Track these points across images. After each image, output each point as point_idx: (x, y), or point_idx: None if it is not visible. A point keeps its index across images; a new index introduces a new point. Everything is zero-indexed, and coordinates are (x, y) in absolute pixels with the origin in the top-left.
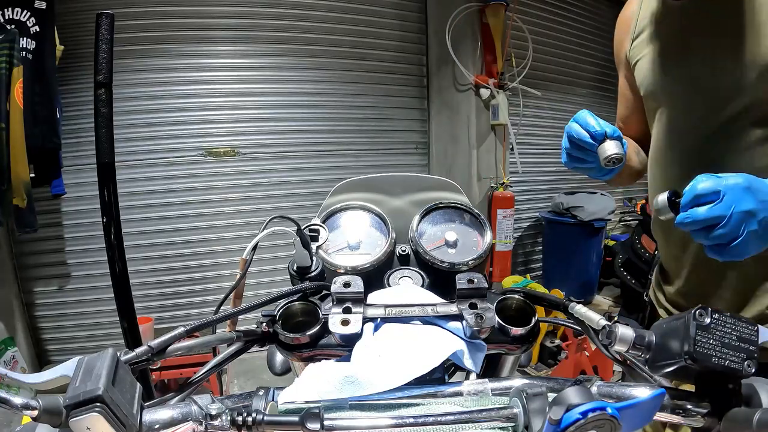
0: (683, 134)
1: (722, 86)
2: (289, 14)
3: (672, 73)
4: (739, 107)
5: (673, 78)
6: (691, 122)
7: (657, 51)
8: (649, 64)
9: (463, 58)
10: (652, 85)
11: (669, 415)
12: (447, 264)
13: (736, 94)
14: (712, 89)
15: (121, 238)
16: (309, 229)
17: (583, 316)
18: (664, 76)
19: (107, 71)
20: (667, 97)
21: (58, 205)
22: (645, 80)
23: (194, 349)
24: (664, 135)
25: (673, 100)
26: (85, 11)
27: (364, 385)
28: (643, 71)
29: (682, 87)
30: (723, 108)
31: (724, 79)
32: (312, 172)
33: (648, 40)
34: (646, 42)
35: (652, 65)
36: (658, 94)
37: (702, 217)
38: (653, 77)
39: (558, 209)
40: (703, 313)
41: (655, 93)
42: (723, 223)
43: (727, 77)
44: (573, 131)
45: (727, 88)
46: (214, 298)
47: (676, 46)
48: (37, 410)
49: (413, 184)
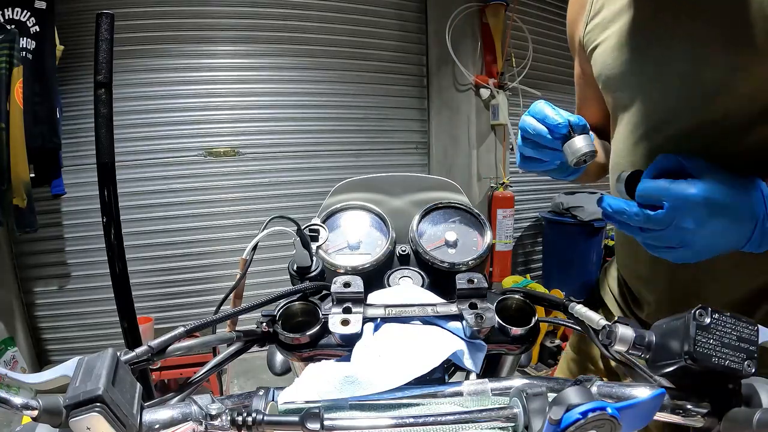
0: (651, 133)
1: (703, 81)
2: (289, 14)
3: (641, 64)
4: (722, 106)
5: (642, 69)
6: (662, 120)
7: (622, 36)
8: (611, 52)
9: (463, 58)
10: (614, 76)
11: (669, 415)
12: (447, 264)
13: (718, 90)
14: (691, 84)
15: (121, 238)
16: (309, 229)
17: (583, 316)
18: (631, 66)
19: (107, 71)
20: (633, 91)
21: (58, 205)
22: (605, 70)
23: (194, 349)
24: (627, 134)
25: (641, 95)
26: (85, 11)
27: (364, 385)
28: (603, 60)
29: (653, 80)
30: (701, 106)
31: (706, 73)
32: (312, 172)
33: (608, 22)
34: (606, 25)
35: (614, 53)
36: (621, 86)
37: (635, 223)
38: (616, 67)
39: (558, 209)
40: (703, 313)
41: (617, 85)
42: (658, 231)
43: (709, 71)
44: (528, 126)
45: (708, 83)
46: (214, 298)
47: (647, 31)
48: (37, 410)
49: (413, 184)
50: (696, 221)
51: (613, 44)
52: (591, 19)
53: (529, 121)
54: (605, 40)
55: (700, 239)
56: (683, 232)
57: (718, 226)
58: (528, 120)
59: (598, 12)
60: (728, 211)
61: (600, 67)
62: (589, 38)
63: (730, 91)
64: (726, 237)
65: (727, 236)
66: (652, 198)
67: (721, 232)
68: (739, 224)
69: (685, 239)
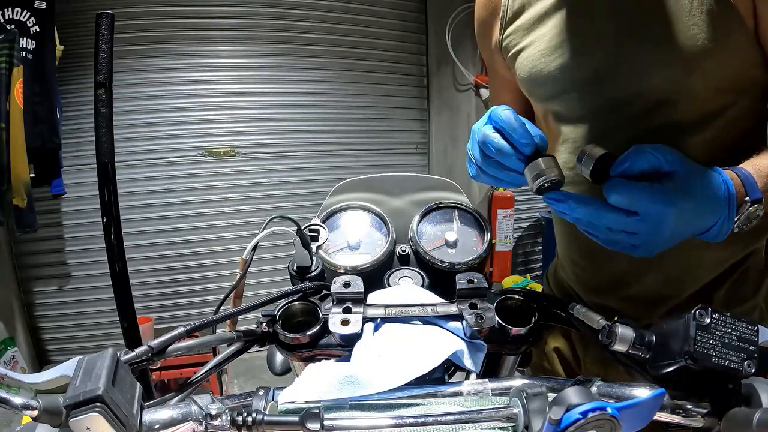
0: (598, 141)
1: (653, 83)
2: (289, 14)
3: (582, 69)
4: (673, 108)
5: (583, 75)
6: (610, 127)
7: (553, 39)
8: (540, 57)
9: (463, 58)
10: (548, 82)
11: (669, 415)
12: (447, 264)
13: (671, 91)
14: (640, 87)
15: (121, 238)
16: (309, 229)
17: (584, 316)
18: (571, 72)
19: (107, 71)
20: (574, 99)
21: (58, 205)
22: (534, 75)
23: (194, 349)
24: (570, 143)
25: (585, 102)
26: (85, 11)
27: (364, 385)
28: (531, 64)
29: (595, 84)
30: (652, 110)
31: (655, 76)
32: (312, 172)
33: (532, 24)
34: (530, 27)
35: (544, 58)
36: (557, 92)
37: (605, 225)
38: (550, 73)
39: None
40: (703, 313)
41: (553, 91)
42: (633, 236)
43: (659, 71)
44: (491, 143)
45: (658, 85)
46: (214, 298)
47: (574, 32)
48: (37, 410)
49: (413, 184)
50: (670, 229)
51: (543, 48)
52: (509, 23)
53: (491, 136)
54: (532, 44)
55: (666, 238)
56: (654, 236)
57: (687, 224)
58: (489, 134)
59: (517, 14)
60: (699, 210)
61: (526, 71)
62: (510, 42)
63: (682, 91)
64: (690, 230)
65: (692, 229)
66: (627, 205)
67: (688, 227)
68: (705, 220)
69: (652, 240)
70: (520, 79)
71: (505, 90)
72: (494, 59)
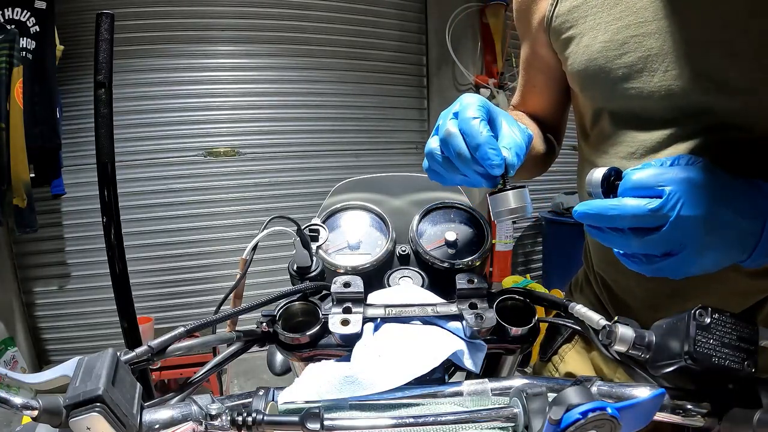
0: (646, 149)
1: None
2: (289, 14)
3: (653, 67)
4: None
5: (649, 76)
6: (664, 130)
7: (618, 28)
8: (601, 47)
9: (463, 58)
10: (604, 79)
11: (669, 415)
12: (447, 264)
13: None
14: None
15: (121, 238)
16: (309, 229)
17: (583, 316)
18: (633, 69)
19: (107, 71)
20: (630, 98)
21: (58, 205)
22: (589, 68)
23: (194, 349)
24: (615, 140)
25: (639, 103)
26: (85, 11)
27: (364, 385)
28: (588, 55)
29: (666, 89)
30: (706, 114)
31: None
32: (312, 172)
33: (594, 8)
34: (589, 11)
35: (604, 49)
36: (609, 89)
37: (629, 213)
38: (610, 68)
39: (558, 209)
40: (703, 313)
41: (605, 87)
42: (660, 228)
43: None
44: (454, 146)
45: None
46: (214, 298)
47: (666, 17)
48: (37, 410)
49: (413, 184)
50: (704, 204)
51: (607, 40)
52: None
53: (454, 137)
54: (591, 30)
55: (704, 239)
56: (683, 227)
57: (723, 221)
58: (453, 133)
59: None
60: (734, 203)
61: (585, 64)
62: (563, 22)
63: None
64: (731, 238)
65: (732, 238)
66: (649, 185)
67: (727, 237)
68: (748, 220)
69: (687, 238)
70: (572, 72)
71: (540, 72)
72: (536, 37)
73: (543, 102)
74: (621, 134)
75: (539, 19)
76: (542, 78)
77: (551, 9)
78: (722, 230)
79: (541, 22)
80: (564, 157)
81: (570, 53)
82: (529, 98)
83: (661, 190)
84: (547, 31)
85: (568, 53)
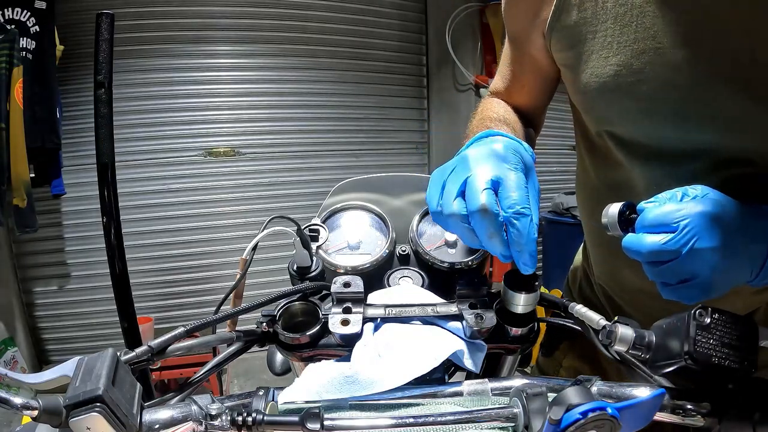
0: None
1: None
2: (289, 14)
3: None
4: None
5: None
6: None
7: (632, 53)
8: (612, 70)
9: (463, 58)
10: (609, 101)
11: (669, 415)
12: (447, 264)
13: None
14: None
15: (121, 238)
16: (309, 229)
17: (583, 316)
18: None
19: (107, 71)
20: (637, 122)
21: (58, 205)
22: (600, 89)
23: (194, 349)
24: (618, 161)
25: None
26: (85, 11)
27: (364, 385)
28: (595, 75)
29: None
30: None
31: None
32: (312, 172)
33: (608, 11)
34: (591, 20)
35: (618, 74)
36: (615, 113)
37: (646, 250)
38: (619, 92)
39: (558, 209)
40: (703, 313)
41: (610, 110)
42: (674, 259)
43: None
44: (491, 238)
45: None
46: (214, 298)
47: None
48: (37, 410)
49: (413, 184)
50: (716, 238)
51: (620, 63)
52: (568, 7)
53: (454, 220)
54: (600, 49)
55: (716, 267)
56: (697, 258)
57: (734, 249)
58: (453, 217)
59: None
60: (743, 231)
61: (593, 84)
62: (567, 35)
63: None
64: (740, 263)
65: (742, 262)
66: (665, 222)
67: (737, 262)
68: (757, 244)
69: (697, 268)
70: (578, 91)
71: (530, 73)
72: (530, 40)
73: (530, 100)
74: (625, 158)
75: (538, 23)
76: (532, 78)
77: (554, 18)
78: (733, 258)
79: (540, 26)
80: (564, 157)
81: (576, 71)
82: (516, 94)
83: (676, 226)
84: (548, 39)
85: (574, 70)
